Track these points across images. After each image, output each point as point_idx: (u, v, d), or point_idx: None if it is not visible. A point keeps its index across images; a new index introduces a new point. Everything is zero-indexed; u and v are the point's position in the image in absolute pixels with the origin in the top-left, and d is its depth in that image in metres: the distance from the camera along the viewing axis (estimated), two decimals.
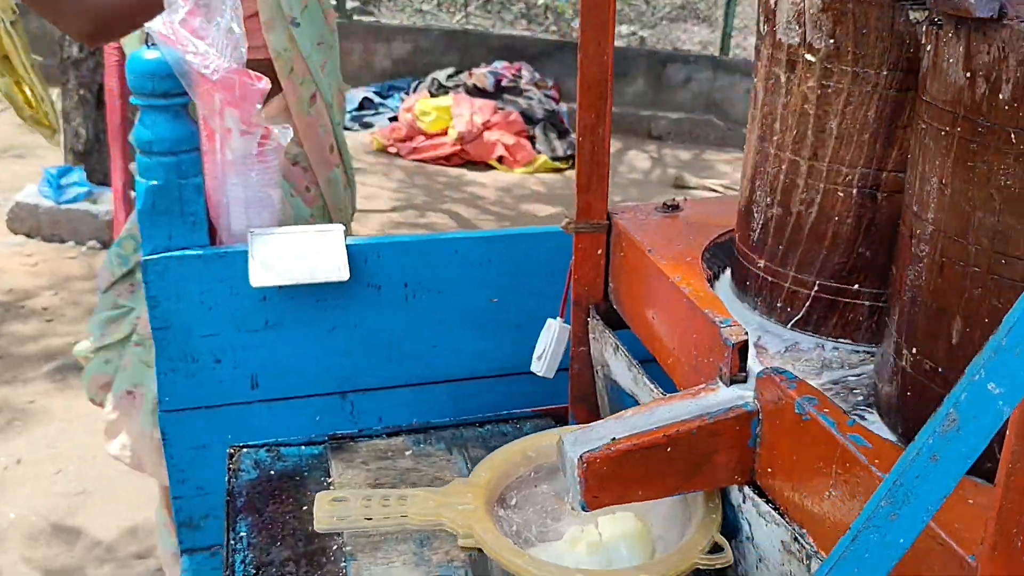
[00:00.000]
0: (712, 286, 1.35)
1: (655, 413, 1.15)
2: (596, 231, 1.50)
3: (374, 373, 1.95)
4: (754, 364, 1.20)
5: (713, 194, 6.65)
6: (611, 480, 1.10)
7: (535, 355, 1.60)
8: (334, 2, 8.04)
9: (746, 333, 1.18)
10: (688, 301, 1.26)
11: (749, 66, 7.81)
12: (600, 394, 1.60)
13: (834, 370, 1.21)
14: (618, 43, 8.57)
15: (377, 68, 7.82)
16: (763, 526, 1.12)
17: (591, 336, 1.56)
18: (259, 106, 1.71)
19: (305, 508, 1.47)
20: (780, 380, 1.07)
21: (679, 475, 1.12)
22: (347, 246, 1.80)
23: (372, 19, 8.66)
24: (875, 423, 1.05)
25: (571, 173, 6.92)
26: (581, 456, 1.08)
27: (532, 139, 7.09)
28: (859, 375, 1.18)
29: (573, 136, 7.19)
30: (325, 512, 1.18)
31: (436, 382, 1.98)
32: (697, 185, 6.87)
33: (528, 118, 7.13)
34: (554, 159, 7.04)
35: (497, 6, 9.47)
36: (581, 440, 1.13)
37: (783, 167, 1.22)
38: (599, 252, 1.52)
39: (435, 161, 6.89)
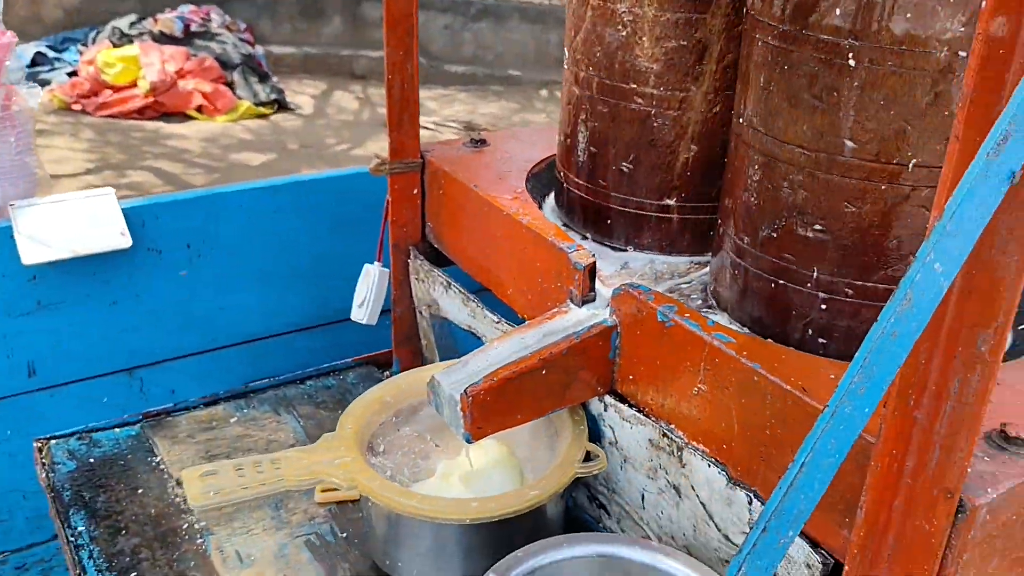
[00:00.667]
0: None
1: (519, 341, 1.20)
2: (411, 170, 1.50)
3: (163, 344, 1.83)
4: (599, 284, 1.28)
5: (425, 131, 6.72)
6: (494, 409, 1.14)
7: (355, 303, 1.58)
8: None
9: (593, 256, 1.25)
10: (528, 231, 1.31)
11: (445, 3, 7.93)
12: (424, 335, 1.62)
13: (667, 280, 1.32)
14: None
15: (47, 19, 7.01)
16: (627, 429, 1.22)
17: (413, 277, 1.57)
18: (8, 63, 1.51)
19: (141, 491, 1.37)
20: (638, 294, 1.15)
21: (553, 395, 1.18)
22: (122, 210, 1.66)
23: None
24: (723, 321, 1.17)
25: (277, 118, 6.70)
26: (465, 391, 1.11)
27: (231, 85, 6.75)
28: (690, 282, 1.31)
29: (274, 79, 6.93)
30: (198, 489, 1.11)
31: (230, 345, 1.89)
32: None
33: (224, 64, 6.76)
34: (258, 104, 6.76)
35: None
36: (456, 377, 1.15)
37: (597, 93, 1.30)
38: (415, 192, 1.53)
39: (127, 115, 6.35)
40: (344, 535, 1.31)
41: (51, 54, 6.78)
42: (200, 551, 1.27)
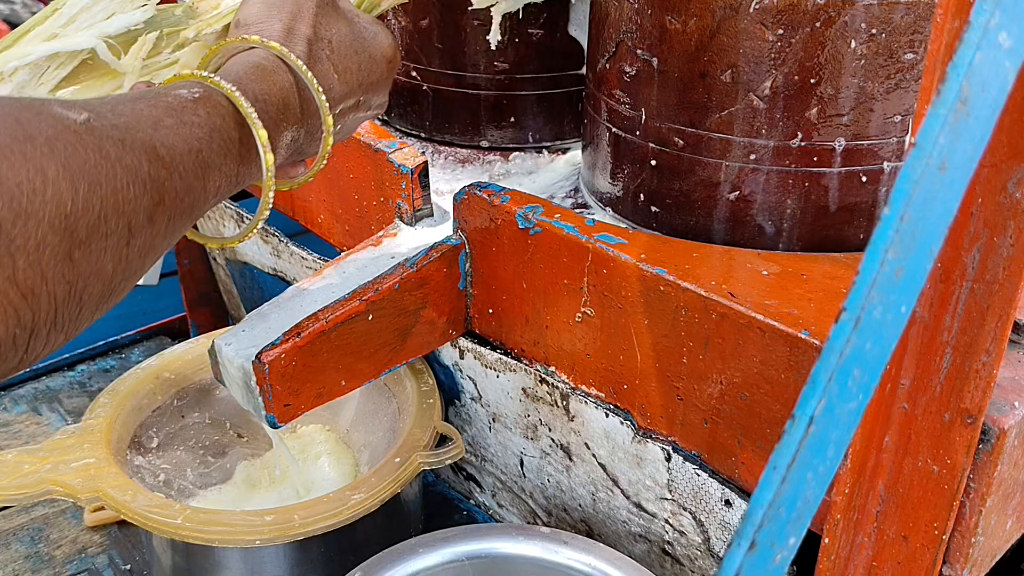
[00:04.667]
0: None
1: (332, 280, 0.87)
2: None
3: None
4: (435, 192, 0.97)
5: None
6: (304, 377, 0.81)
7: None
8: None
9: (422, 154, 0.93)
10: None
11: None
12: (224, 287, 1.27)
13: (516, 177, 1.01)
14: None
15: None
16: (493, 378, 0.92)
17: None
18: None
19: None
20: (489, 195, 0.84)
21: (388, 347, 0.86)
22: None
23: None
24: (606, 219, 0.87)
25: None
26: (258, 358, 0.78)
27: None
28: (555, 179, 1.00)
29: None
30: None
31: None
32: None
33: (13, 25, 5.98)
34: None
35: None
36: (244, 340, 0.82)
37: None
38: None
39: None
40: (128, 567, 0.97)
41: None
42: None
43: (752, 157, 0.75)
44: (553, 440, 0.88)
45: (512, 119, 1.05)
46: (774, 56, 0.72)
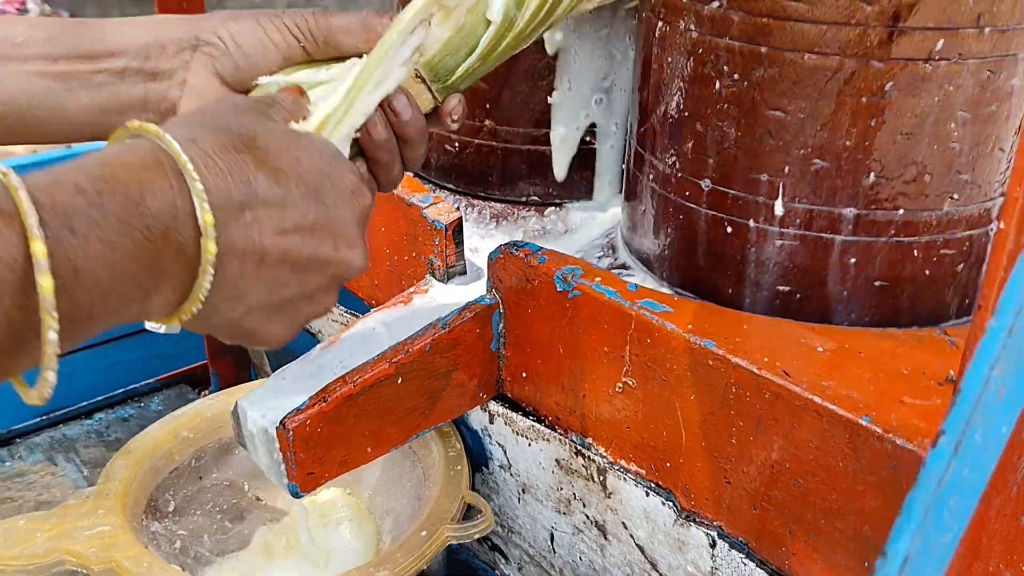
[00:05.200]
0: None
1: (360, 340, 0.83)
2: None
3: None
4: (469, 248, 0.93)
5: None
6: (329, 444, 0.77)
7: None
8: None
9: (457, 209, 0.90)
10: None
11: None
12: None
13: (552, 234, 0.97)
14: None
15: None
16: (524, 446, 0.87)
17: None
18: None
19: None
20: (525, 255, 0.80)
21: (417, 411, 0.82)
22: None
23: None
24: (649, 284, 0.83)
25: None
26: (282, 423, 0.74)
27: None
28: (592, 237, 0.97)
29: None
30: None
31: None
32: None
33: None
34: None
35: None
36: (268, 403, 0.78)
37: None
38: None
39: None
40: None
41: None
42: None
43: (800, 225, 0.71)
44: (587, 516, 0.83)
45: (548, 175, 1.01)
46: (828, 123, 0.68)
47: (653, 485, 0.75)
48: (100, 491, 0.82)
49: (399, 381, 0.79)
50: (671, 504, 0.74)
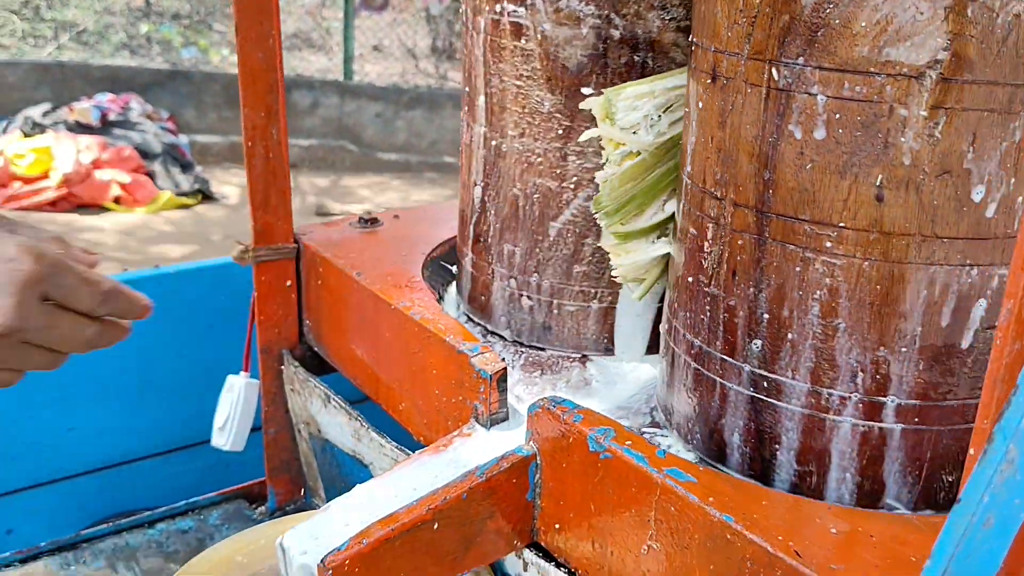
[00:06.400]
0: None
1: (400, 482, 0.89)
2: (282, 258, 1.20)
3: None
4: (513, 397, 0.98)
5: None
6: None
7: (216, 424, 1.26)
8: None
9: (503, 360, 0.96)
10: (421, 329, 1.01)
11: (375, 90, 7.76)
12: (305, 459, 1.30)
13: (595, 386, 1.02)
14: (236, 71, 8.13)
15: None
16: None
17: (288, 388, 1.25)
18: None
19: None
20: (561, 412, 0.85)
21: (451, 556, 0.87)
22: None
23: None
24: (678, 449, 0.87)
25: (201, 208, 6.38)
26: (323, 562, 0.79)
27: (152, 175, 6.43)
28: (634, 391, 1.01)
29: (198, 169, 6.62)
30: None
31: (74, 475, 1.54)
32: (341, 212, 6.63)
33: (145, 153, 6.45)
34: (180, 195, 6.44)
35: (93, 37, 8.56)
36: (311, 537, 0.83)
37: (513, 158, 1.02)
38: (288, 284, 1.22)
39: (39, 208, 5.97)
40: None
41: None
42: None
43: (826, 406, 0.75)
44: None
45: (593, 325, 1.06)
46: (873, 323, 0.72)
47: None
48: None
49: (435, 527, 0.84)
50: None
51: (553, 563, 0.90)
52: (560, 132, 0.98)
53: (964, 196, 0.70)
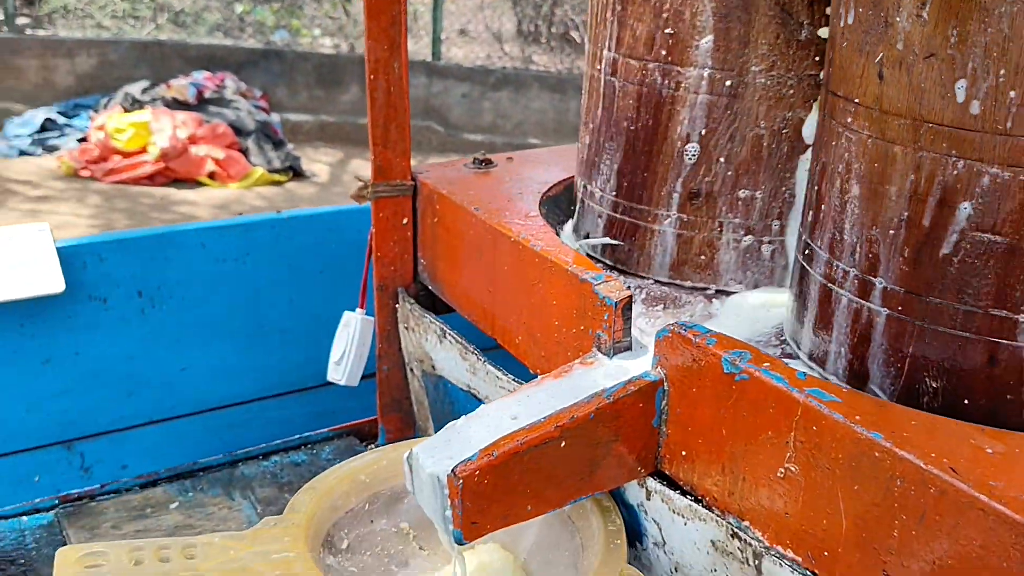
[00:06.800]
0: None
1: (527, 402, 0.88)
2: (400, 194, 1.21)
3: (108, 413, 1.52)
4: (636, 326, 0.97)
5: None
6: (494, 497, 0.81)
7: (332, 359, 1.28)
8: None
9: (628, 287, 0.95)
10: (542, 259, 1.00)
11: (462, 71, 7.79)
12: (417, 398, 1.31)
13: (717, 319, 1.00)
14: (327, 51, 8.27)
15: (60, 86, 6.92)
16: (680, 525, 0.89)
17: (403, 326, 1.26)
18: None
19: None
20: (694, 335, 0.84)
21: (575, 476, 0.86)
22: (57, 249, 1.38)
23: (48, 33, 7.69)
24: (816, 374, 0.85)
25: (292, 185, 6.51)
26: (454, 471, 0.79)
27: (245, 152, 6.58)
28: (758, 328, 0.99)
29: (290, 147, 6.75)
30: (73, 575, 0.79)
31: (191, 414, 1.58)
32: None
33: (238, 130, 6.60)
34: (272, 171, 6.58)
35: (190, 17, 8.79)
36: (442, 451, 0.84)
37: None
38: (404, 221, 1.23)
39: (137, 182, 6.17)
40: None
41: (61, 120, 6.67)
42: None
43: (834, 277, 0.72)
44: None
45: (716, 261, 1.04)
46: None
47: (810, 574, 0.76)
48: (286, 519, 0.89)
49: (562, 444, 0.83)
50: None
51: (678, 491, 0.89)
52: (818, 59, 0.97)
53: (948, 82, 0.69)
